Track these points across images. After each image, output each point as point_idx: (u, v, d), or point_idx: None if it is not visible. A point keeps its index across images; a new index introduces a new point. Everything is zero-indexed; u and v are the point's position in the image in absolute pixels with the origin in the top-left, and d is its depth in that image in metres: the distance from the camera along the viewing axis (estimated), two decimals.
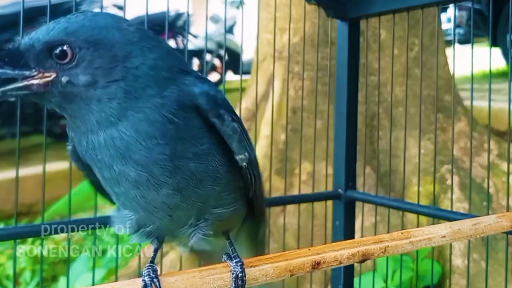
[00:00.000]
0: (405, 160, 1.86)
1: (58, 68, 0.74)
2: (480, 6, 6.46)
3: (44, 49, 0.74)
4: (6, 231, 1.39)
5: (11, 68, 0.74)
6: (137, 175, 0.77)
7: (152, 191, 0.79)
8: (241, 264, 0.83)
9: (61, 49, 0.74)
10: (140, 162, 0.77)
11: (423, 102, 2.82)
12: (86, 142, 0.78)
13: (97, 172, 0.83)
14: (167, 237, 0.92)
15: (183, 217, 0.85)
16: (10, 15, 4.86)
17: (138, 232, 0.89)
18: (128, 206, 0.85)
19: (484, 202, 2.71)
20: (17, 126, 1.41)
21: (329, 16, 1.75)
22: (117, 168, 0.78)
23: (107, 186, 0.84)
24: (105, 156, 0.77)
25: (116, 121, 0.75)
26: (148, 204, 0.82)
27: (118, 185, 0.81)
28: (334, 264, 0.89)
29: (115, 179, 0.80)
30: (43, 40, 0.74)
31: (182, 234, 0.89)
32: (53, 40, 0.74)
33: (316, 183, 2.20)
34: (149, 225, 0.87)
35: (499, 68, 6.88)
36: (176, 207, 0.83)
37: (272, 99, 2.50)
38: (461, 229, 1.01)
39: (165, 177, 0.78)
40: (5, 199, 3.93)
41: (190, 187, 0.81)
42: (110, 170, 0.79)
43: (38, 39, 0.74)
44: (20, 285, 3.04)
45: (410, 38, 2.75)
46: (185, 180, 0.80)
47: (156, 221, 0.86)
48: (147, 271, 0.80)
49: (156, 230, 0.88)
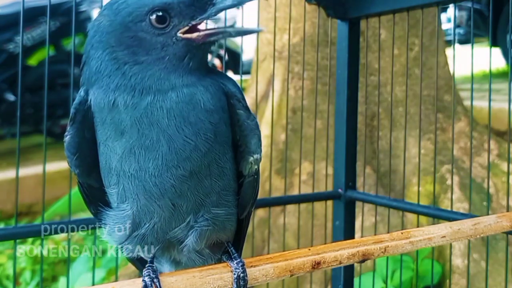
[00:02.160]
0: (405, 160, 1.86)
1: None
2: (480, 6, 6.46)
3: None
4: (6, 231, 1.39)
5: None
6: (168, 145, 0.77)
7: (171, 168, 0.78)
8: (242, 264, 0.83)
9: None
10: (185, 132, 0.77)
11: (423, 102, 2.82)
12: (151, 100, 0.77)
13: (114, 145, 0.79)
14: (159, 247, 0.87)
15: (184, 209, 0.82)
16: (10, 15, 4.86)
17: (131, 237, 0.84)
18: (129, 193, 0.81)
19: (484, 202, 2.71)
20: (17, 126, 1.42)
21: (329, 16, 1.75)
22: (157, 136, 0.77)
23: (116, 166, 0.80)
24: (158, 119, 0.76)
25: (192, 85, 0.78)
26: (156, 186, 0.79)
27: (136, 159, 0.78)
28: (334, 264, 0.89)
29: (142, 149, 0.77)
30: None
31: (178, 235, 0.85)
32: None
33: (316, 183, 2.20)
34: (144, 223, 0.83)
35: (499, 68, 6.89)
36: (182, 194, 0.80)
37: (272, 99, 2.50)
38: (461, 229, 1.01)
39: (188, 153, 0.78)
40: (5, 199, 3.94)
41: (201, 174, 0.80)
42: (144, 138, 0.77)
43: None
44: (20, 285, 3.05)
45: (410, 38, 2.75)
46: (198, 164, 0.79)
47: (154, 215, 0.82)
48: (147, 272, 0.80)
49: (151, 231, 0.83)
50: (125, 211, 0.83)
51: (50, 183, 1.46)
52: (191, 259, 0.92)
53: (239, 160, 0.87)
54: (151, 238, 0.85)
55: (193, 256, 0.91)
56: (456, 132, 2.91)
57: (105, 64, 0.79)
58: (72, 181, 1.36)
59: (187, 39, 0.78)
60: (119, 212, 0.84)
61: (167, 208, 0.81)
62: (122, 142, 0.78)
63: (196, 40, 0.79)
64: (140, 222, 0.83)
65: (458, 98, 3.19)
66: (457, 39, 5.90)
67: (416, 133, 2.72)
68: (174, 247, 0.88)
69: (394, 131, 2.77)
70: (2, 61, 5.15)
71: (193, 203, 0.82)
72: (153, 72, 0.78)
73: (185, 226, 0.84)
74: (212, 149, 0.80)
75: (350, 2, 1.71)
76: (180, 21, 0.78)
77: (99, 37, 0.81)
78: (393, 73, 1.81)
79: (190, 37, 0.78)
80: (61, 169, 3.85)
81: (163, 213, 0.82)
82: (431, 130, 2.88)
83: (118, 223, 0.84)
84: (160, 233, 0.84)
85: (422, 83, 1.92)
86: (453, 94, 2.62)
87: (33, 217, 3.83)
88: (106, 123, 0.80)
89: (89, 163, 0.86)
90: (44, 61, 4.92)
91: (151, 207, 0.81)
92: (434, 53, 2.86)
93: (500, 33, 5.99)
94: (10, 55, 5.15)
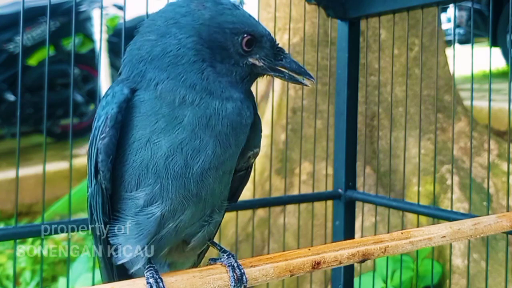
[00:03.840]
0: (405, 160, 1.87)
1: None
2: (480, 6, 6.47)
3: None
4: (6, 231, 1.39)
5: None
6: (213, 149, 0.80)
7: (212, 169, 0.82)
8: (233, 255, 0.85)
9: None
10: (229, 140, 0.82)
11: (423, 102, 2.82)
12: (215, 107, 0.80)
13: (159, 141, 0.79)
14: (166, 249, 0.88)
15: (208, 204, 0.86)
16: (10, 15, 4.86)
17: (152, 240, 0.85)
18: (165, 192, 0.81)
19: (484, 202, 2.71)
20: (17, 126, 1.42)
21: (329, 16, 1.75)
22: (209, 138, 0.80)
23: (157, 164, 0.80)
24: (214, 123, 0.80)
25: (242, 101, 0.83)
26: (197, 185, 0.81)
27: (184, 157, 0.79)
28: (334, 264, 0.89)
29: (191, 148, 0.79)
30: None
31: (192, 232, 0.87)
32: None
33: (316, 183, 2.20)
34: (169, 223, 0.83)
35: (499, 68, 6.89)
36: (213, 192, 0.84)
37: (272, 99, 2.50)
38: (461, 229, 1.01)
39: (226, 157, 0.83)
40: (5, 199, 3.93)
41: (226, 173, 0.86)
42: (195, 138, 0.79)
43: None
44: (20, 285, 3.05)
45: (410, 38, 2.75)
46: (229, 166, 0.86)
47: (186, 211, 0.83)
48: (150, 273, 0.80)
49: (173, 230, 0.84)
50: (153, 214, 0.83)
51: (50, 183, 1.46)
52: (186, 259, 0.95)
53: None
54: (168, 239, 0.86)
55: (188, 255, 0.93)
56: (456, 132, 2.91)
57: (185, 51, 0.80)
58: (72, 181, 1.36)
59: (253, 64, 0.85)
60: (142, 217, 0.83)
61: (198, 203, 0.84)
62: (172, 138, 0.79)
63: (259, 67, 0.86)
64: (164, 224, 0.84)
65: (458, 98, 3.19)
66: (457, 39, 5.90)
67: (416, 133, 2.72)
68: (178, 247, 0.90)
69: (394, 131, 2.77)
70: (2, 61, 5.15)
71: (215, 198, 0.87)
72: (221, 80, 0.81)
73: (202, 221, 0.87)
74: (231, 147, 0.84)
75: (350, 2, 1.71)
76: (257, 53, 0.85)
77: (191, 20, 0.81)
78: (393, 73, 1.81)
79: (256, 63, 0.85)
80: (61, 169, 3.85)
81: (193, 208, 0.84)
82: (431, 130, 2.88)
83: (141, 228, 0.84)
84: (180, 231, 0.86)
85: (422, 83, 1.92)
86: (453, 94, 2.62)
87: (33, 217, 3.83)
88: (160, 116, 0.79)
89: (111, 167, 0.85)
90: (44, 61, 4.92)
91: (185, 203, 0.83)
92: (434, 53, 2.86)
93: (500, 33, 5.99)
94: (10, 55, 5.15)
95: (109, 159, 0.82)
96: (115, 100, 0.81)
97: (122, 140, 0.82)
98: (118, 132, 0.81)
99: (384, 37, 2.67)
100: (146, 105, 0.80)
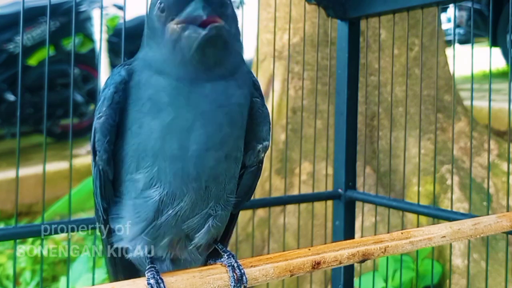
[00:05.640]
0: (405, 160, 1.86)
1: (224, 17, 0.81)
2: (480, 6, 6.46)
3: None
4: (6, 231, 1.39)
5: None
6: (203, 124, 0.80)
7: (211, 149, 0.81)
8: (233, 255, 0.84)
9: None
10: (222, 118, 0.81)
11: (423, 102, 2.82)
12: (196, 86, 0.79)
13: (153, 124, 0.80)
14: (165, 242, 0.86)
15: (211, 193, 0.84)
16: (10, 15, 4.86)
17: (147, 229, 0.84)
18: (163, 175, 0.81)
19: (484, 202, 2.71)
20: (17, 126, 1.42)
21: (329, 16, 1.75)
22: (190, 117, 0.79)
23: (154, 146, 0.80)
24: (193, 102, 0.79)
25: (233, 74, 0.82)
26: (195, 167, 0.80)
27: (178, 138, 0.79)
28: (334, 264, 0.89)
29: (177, 128, 0.79)
30: None
31: (194, 225, 0.85)
32: None
33: (316, 183, 2.20)
34: (168, 210, 0.82)
35: (499, 68, 6.88)
36: (215, 177, 0.83)
37: (272, 99, 2.50)
38: (461, 229, 1.01)
39: (215, 130, 0.81)
40: (5, 199, 3.94)
41: (231, 159, 0.84)
42: (181, 120, 0.79)
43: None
44: (20, 285, 3.05)
45: (410, 38, 2.75)
46: (230, 148, 0.84)
47: (185, 198, 0.82)
48: (151, 273, 0.79)
49: (172, 219, 0.83)
50: (151, 198, 0.82)
51: (50, 183, 1.46)
52: (190, 258, 0.92)
53: (245, 150, 0.89)
54: (167, 228, 0.84)
55: (193, 254, 0.91)
56: (456, 132, 2.91)
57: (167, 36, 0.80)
58: (72, 181, 1.36)
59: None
60: (141, 200, 0.83)
61: (199, 190, 0.82)
62: (161, 119, 0.79)
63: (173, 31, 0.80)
64: (163, 210, 0.83)
65: (458, 98, 3.19)
66: (457, 39, 5.90)
67: (416, 133, 2.71)
68: (181, 241, 0.88)
69: (394, 131, 2.77)
70: (2, 61, 5.15)
71: (219, 189, 0.84)
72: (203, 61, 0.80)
73: (205, 213, 0.85)
74: (240, 136, 0.85)
75: (350, 2, 1.71)
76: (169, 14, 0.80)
77: None
78: (393, 73, 1.81)
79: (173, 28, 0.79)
80: (61, 169, 3.85)
81: (194, 196, 0.82)
82: (431, 130, 2.88)
83: (139, 212, 0.83)
84: (180, 221, 0.84)
85: (422, 83, 1.92)
86: (453, 94, 2.62)
87: (33, 217, 3.83)
88: (148, 98, 0.80)
89: (111, 150, 0.84)
90: (44, 61, 4.91)
91: (184, 189, 0.81)
92: (434, 53, 2.86)
93: (500, 33, 5.99)
94: (10, 55, 5.15)
95: (105, 139, 0.82)
96: (112, 82, 0.82)
97: (123, 124, 0.82)
98: (116, 113, 0.82)
99: (384, 37, 2.67)
100: (140, 88, 0.81)
